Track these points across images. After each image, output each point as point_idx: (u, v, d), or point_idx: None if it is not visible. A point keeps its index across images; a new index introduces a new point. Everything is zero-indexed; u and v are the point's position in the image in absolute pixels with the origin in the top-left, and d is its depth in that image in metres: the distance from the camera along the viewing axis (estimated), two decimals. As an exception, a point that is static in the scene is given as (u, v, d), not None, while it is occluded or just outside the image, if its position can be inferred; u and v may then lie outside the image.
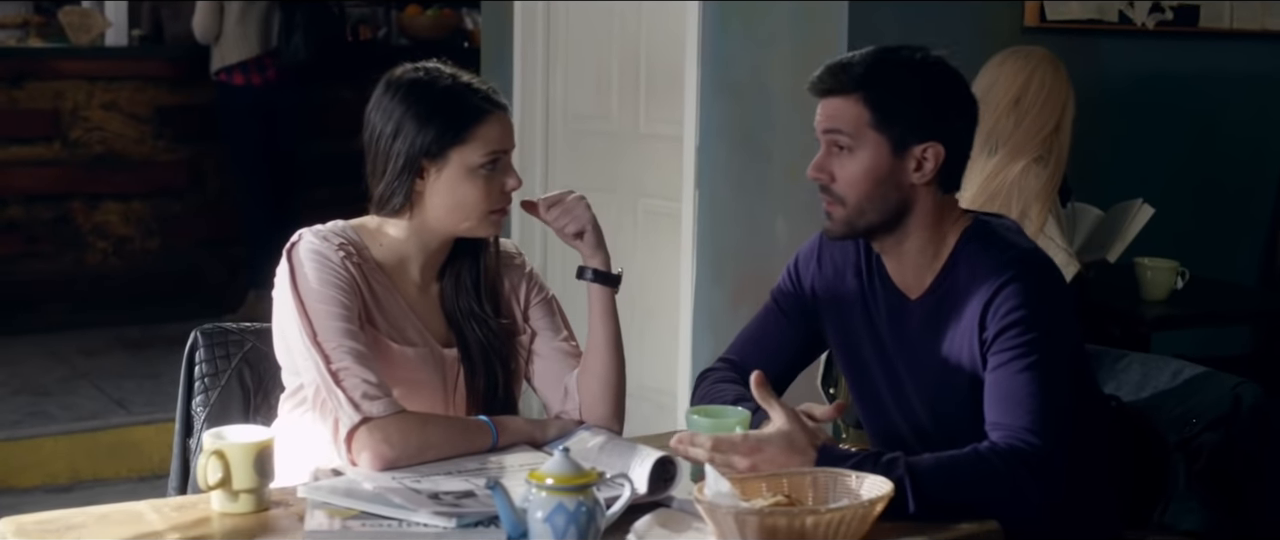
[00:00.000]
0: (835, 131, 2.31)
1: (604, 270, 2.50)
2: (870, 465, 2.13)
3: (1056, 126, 3.86)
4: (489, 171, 2.40)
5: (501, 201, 2.43)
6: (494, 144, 2.40)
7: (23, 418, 5.38)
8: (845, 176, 2.31)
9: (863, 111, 2.29)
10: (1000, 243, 2.32)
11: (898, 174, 2.30)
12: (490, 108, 2.41)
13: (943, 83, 2.34)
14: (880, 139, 2.29)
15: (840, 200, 2.32)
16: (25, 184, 6.53)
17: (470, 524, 2.02)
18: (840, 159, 2.31)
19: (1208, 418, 2.55)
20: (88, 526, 2.08)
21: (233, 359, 2.72)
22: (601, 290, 2.50)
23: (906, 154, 2.30)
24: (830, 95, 2.32)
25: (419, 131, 2.37)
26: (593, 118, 5.39)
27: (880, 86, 2.29)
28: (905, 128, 2.29)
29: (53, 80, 6.53)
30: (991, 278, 2.25)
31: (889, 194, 2.31)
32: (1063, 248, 3.74)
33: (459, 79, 2.43)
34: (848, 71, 2.30)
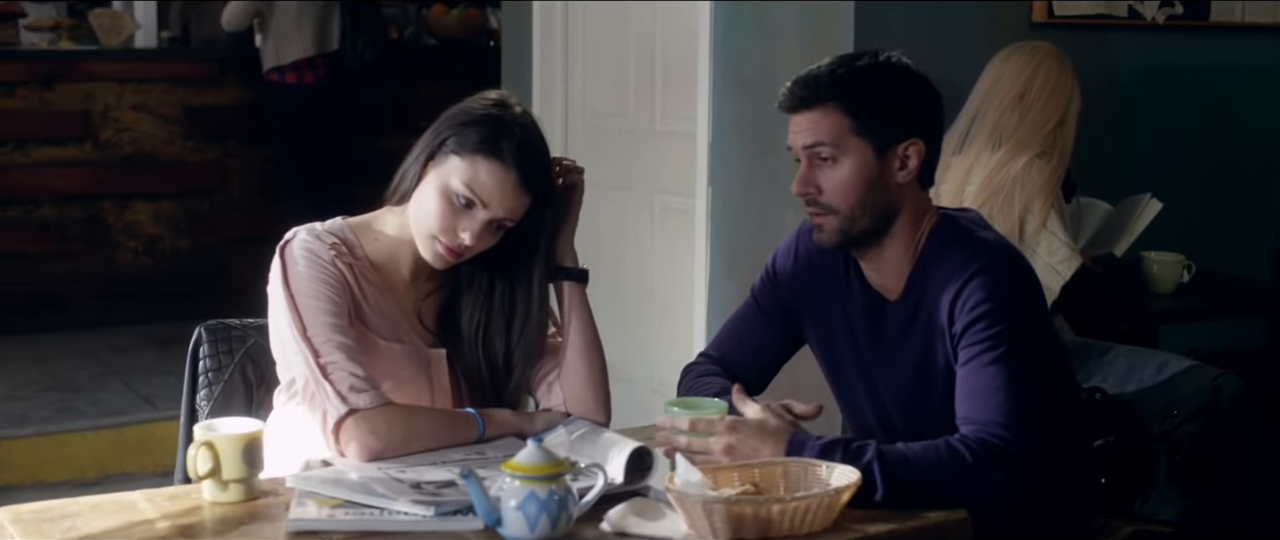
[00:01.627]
0: (817, 144, 2.33)
1: (574, 268, 2.53)
2: (839, 450, 2.17)
3: (1061, 121, 3.89)
4: (457, 203, 2.39)
5: (448, 237, 2.39)
6: (479, 185, 2.38)
7: (52, 414, 5.47)
8: (833, 186, 2.33)
9: (841, 119, 2.32)
10: (966, 237, 2.35)
11: (884, 176, 2.34)
12: (508, 160, 2.39)
13: (911, 82, 2.39)
14: (863, 144, 2.32)
15: (831, 210, 2.35)
16: (57, 184, 6.63)
17: (448, 512, 2.07)
18: (825, 170, 2.34)
19: (1188, 409, 2.59)
20: (82, 515, 2.14)
21: (236, 354, 2.78)
22: (574, 287, 2.54)
23: (890, 155, 2.34)
24: (803, 109, 2.35)
25: (452, 127, 2.42)
26: (610, 115, 5.45)
27: (854, 92, 2.32)
28: (886, 129, 2.33)
29: (83, 82, 6.63)
30: (958, 271, 2.29)
31: (878, 197, 2.34)
32: (1065, 242, 3.77)
33: (520, 128, 2.43)
34: (818, 83, 2.33)
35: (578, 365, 2.53)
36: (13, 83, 6.49)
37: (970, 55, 4.07)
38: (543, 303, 2.54)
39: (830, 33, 4.26)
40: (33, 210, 6.62)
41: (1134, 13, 4.55)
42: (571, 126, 5.63)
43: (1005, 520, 2.21)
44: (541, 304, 2.53)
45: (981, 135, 3.89)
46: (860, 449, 2.18)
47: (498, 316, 2.53)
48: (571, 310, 2.53)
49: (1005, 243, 2.37)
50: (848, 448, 2.18)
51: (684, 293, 4.98)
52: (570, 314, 2.53)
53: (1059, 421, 2.36)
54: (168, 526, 2.11)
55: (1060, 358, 2.43)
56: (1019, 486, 2.19)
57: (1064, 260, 3.76)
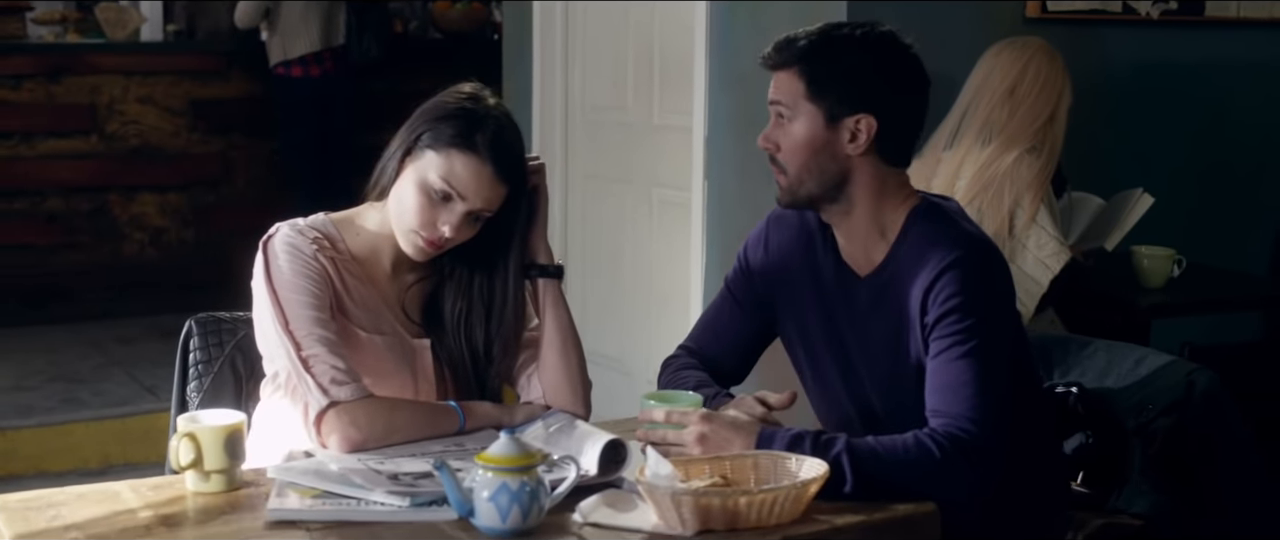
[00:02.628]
0: (777, 103, 2.43)
1: (548, 264, 2.57)
2: (808, 442, 2.21)
3: (1051, 117, 3.91)
4: (435, 197, 2.43)
5: (428, 230, 2.44)
6: (455, 178, 2.42)
7: (57, 404, 5.52)
8: (786, 145, 2.42)
9: (799, 83, 2.40)
10: (946, 225, 2.38)
11: (832, 145, 2.39)
12: (482, 152, 2.43)
13: (882, 57, 2.42)
14: (814, 109, 2.39)
15: (783, 168, 2.43)
16: (64, 176, 6.68)
17: (423, 503, 2.11)
18: (782, 129, 2.42)
19: (1163, 403, 2.61)
20: (67, 504, 2.19)
21: (226, 346, 2.82)
22: (548, 284, 2.57)
23: (839, 125, 2.39)
24: (777, 69, 2.44)
25: (427, 121, 2.46)
26: (609, 109, 5.48)
27: (817, 60, 2.40)
28: (837, 99, 2.38)
29: (89, 75, 6.67)
30: (934, 261, 2.32)
31: (826, 165, 2.40)
32: (1054, 236, 3.79)
33: (502, 120, 2.47)
34: (791, 46, 2.42)
35: (554, 360, 2.56)
36: (19, 76, 6.54)
37: (964, 52, 4.09)
38: (518, 293, 2.57)
39: (823, 29, 4.28)
40: (40, 202, 6.68)
41: (1128, 8, 4.57)
42: (571, 120, 5.67)
43: (973, 514, 2.25)
44: (517, 294, 2.57)
45: (972, 130, 3.92)
46: (830, 441, 2.22)
47: (478, 306, 2.56)
48: (546, 306, 2.57)
49: (982, 235, 2.40)
50: (817, 440, 2.22)
51: (681, 285, 5.02)
52: (545, 310, 2.57)
53: (1024, 416, 2.39)
54: (150, 516, 2.15)
55: (1025, 353, 2.45)
56: (986, 481, 2.22)
57: (1053, 254, 3.79)
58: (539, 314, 2.59)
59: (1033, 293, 3.81)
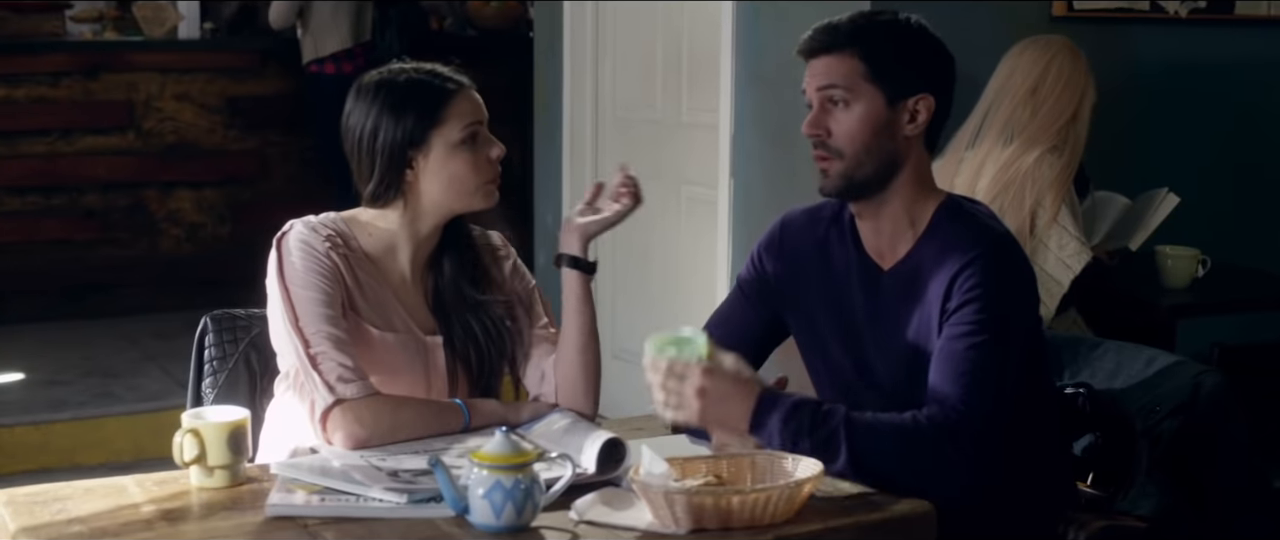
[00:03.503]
0: (830, 87, 2.39)
1: (580, 257, 2.58)
2: (810, 410, 2.23)
3: (1073, 116, 3.89)
4: (471, 145, 2.52)
5: (489, 171, 2.54)
6: (468, 117, 2.52)
7: (91, 398, 5.58)
8: (842, 129, 2.39)
9: (857, 64, 2.38)
10: (974, 222, 2.39)
11: (892, 125, 2.39)
12: (455, 86, 2.54)
13: (928, 40, 2.44)
14: (875, 90, 2.38)
15: (837, 153, 2.40)
16: (101, 173, 6.75)
17: (420, 500, 2.13)
18: (836, 113, 2.39)
19: (1170, 405, 2.60)
20: (73, 498, 2.22)
21: (240, 343, 2.85)
22: (577, 276, 2.58)
23: (901, 105, 2.39)
24: (821, 54, 2.41)
25: (397, 124, 2.49)
26: (638, 107, 5.50)
27: (872, 41, 2.38)
28: (898, 79, 2.39)
29: (127, 72, 6.74)
30: (960, 254, 2.33)
31: (885, 145, 2.39)
32: (1075, 237, 3.78)
33: (421, 68, 2.56)
34: (838, 30, 2.40)
35: (572, 355, 2.58)
36: (58, 73, 6.61)
37: (989, 51, 4.08)
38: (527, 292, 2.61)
39: (847, 27, 4.28)
40: (78, 198, 6.75)
41: (1157, 6, 4.55)
42: (601, 118, 5.69)
43: (970, 513, 2.25)
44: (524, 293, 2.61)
45: (994, 130, 3.91)
46: (830, 412, 2.23)
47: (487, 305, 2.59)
48: (571, 300, 2.58)
49: (1009, 234, 2.41)
50: (817, 409, 2.24)
51: (707, 281, 5.03)
52: (570, 303, 2.58)
53: (1032, 416, 2.39)
54: (153, 510, 2.18)
55: (1041, 354, 2.44)
56: (978, 472, 2.22)
57: (1074, 255, 3.78)
58: (563, 307, 2.60)
59: (1054, 292, 3.80)
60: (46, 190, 6.67)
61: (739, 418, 2.26)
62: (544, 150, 5.95)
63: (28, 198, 6.64)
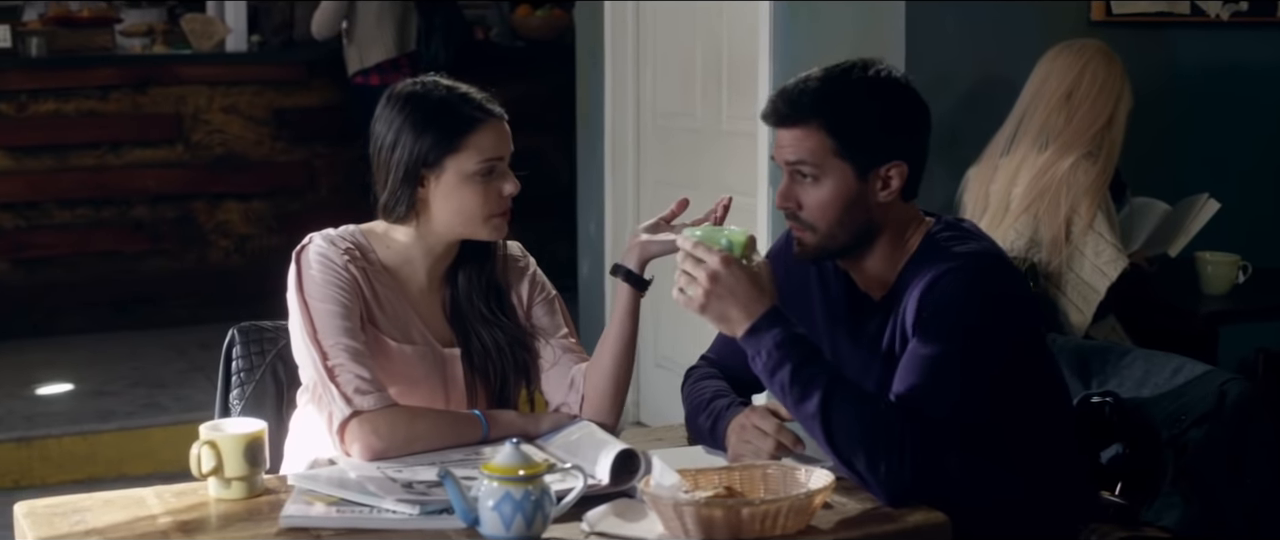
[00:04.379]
0: (798, 162, 2.34)
1: (635, 272, 2.55)
2: (806, 347, 2.23)
3: (1109, 121, 3.87)
4: (485, 178, 2.51)
5: (500, 206, 2.53)
6: (488, 151, 2.51)
7: (138, 409, 5.63)
8: (813, 204, 2.34)
9: (824, 139, 2.31)
10: (954, 243, 2.35)
11: (864, 196, 2.34)
12: (483, 116, 2.52)
13: (897, 100, 2.37)
14: (844, 165, 2.32)
15: (810, 227, 2.36)
16: (150, 185, 6.81)
17: (432, 511, 2.14)
18: (806, 187, 2.34)
19: (1195, 414, 2.57)
20: (92, 510, 2.24)
21: (267, 355, 2.87)
22: (627, 290, 2.57)
23: (872, 176, 2.34)
24: (787, 125, 2.35)
25: (416, 142, 2.49)
26: (679, 115, 5.50)
27: (838, 113, 2.32)
28: (868, 151, 2.33)
29: (175, 85, 6.80)
30: (929, 273, 2.30)
31: (858, 217, 2.35)
32: (1112, 243, 3.75)
33: (454, 90, 2.55)
34: (802, 100, 2.33)
35: (607, 364, 2.57)
36: (107, 87, 6.68)
37: (1027, 55, 4.06)
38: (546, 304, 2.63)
39: (882, 33, 4.27)
40: (127, 210, 6.81)
41: (1197, 9, 4.49)
42: (642, 126, 5.69)
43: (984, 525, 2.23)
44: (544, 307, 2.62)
45: (1028, 136, 3.89)
46: (823, 360, 2.25)
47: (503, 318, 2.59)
48: (619, 310, 2.56)
49: (985, 250, 2.35)
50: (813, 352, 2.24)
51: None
52: (617, 313, 2.57)
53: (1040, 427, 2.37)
54: (170, 522, 2.20)
55: (1042, 365, 2.41)
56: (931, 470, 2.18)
57: (1110, 261, 3.75)
58: (610, 315, 2.59)
59: (1090, 299, 3.77)
60: (96, 202, 6.74)
61: (737, 320, 2.25)
62: (586, 159, 5.96)
63: (78, 210, 6.71)
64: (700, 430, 2.53)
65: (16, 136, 6.57)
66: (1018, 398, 2.30)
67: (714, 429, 2.47)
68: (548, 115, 7.00)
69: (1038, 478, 2.35)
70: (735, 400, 2.50)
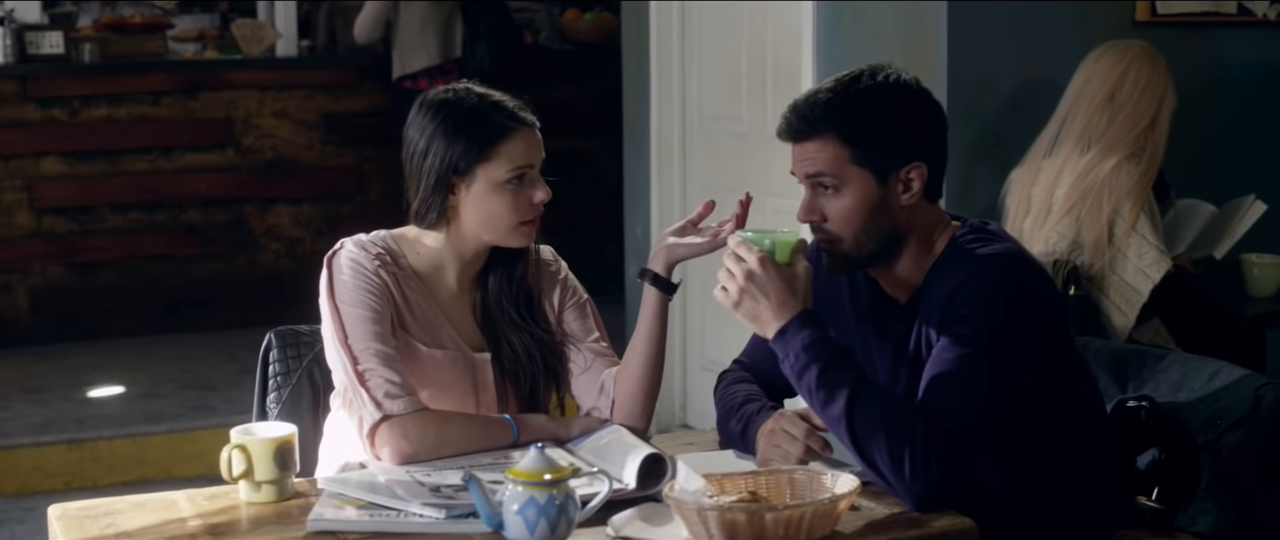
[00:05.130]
0: (818, 175, 2.34)
1: (662, 276, 2.55)
2: (835, 349, 2.24)
3: (1152, 122, 3.84)
4: (516, 186, 2.51)
5: (530, 213, 2.54)
6: (518, 160, 2.51)
7: (187, 411, 5.69)
8: (837, 215, 2.34)
9: (840, 150, 2.31)
10: (980, 245, 2.34)
11: (887, 200, 2.34)
12: (514, 124, 2.53)
13: (909, 102, 2.37)
14: (863, 172, 2.32)
15: (836, 238, 2.36)
16: (201, 189, 6.87)
17: (458, 515, 2.15)
18: (828, 199, 2.35)
19: (1230, 419, 2.55)
20: (124, 513, 2.27)
21: (304, 359, 2.89)
22: (655, 294, 2.56)
23: (892, 180, 2.34)
24: (802, 139, 2.35)
25: (447, 149, 2.50)
26: (724, 118, 5.49)
27: (851, 121, 2.31)
28: (885, 155, 2.33)
29: (226, 90, 6.85)
30: (954, 277, 2.29)
31: (882, 222, 2.35)
32: (1155, 245, 3.72)
33: (486, 98, 2.55)
34: (814, 112, 2.33)
35: (636, 369, 2.57)
36: (159, 92, 6.74)
37: (1070, 57, 4.03)
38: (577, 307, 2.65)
39: (924, 33, 4.25)
40: (179, 214, 6.87)
41: (1243, 9, 4.44)
42: (688, 129, 5.69)
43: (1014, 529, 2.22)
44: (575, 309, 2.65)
45: (1071, 137, 3.86)
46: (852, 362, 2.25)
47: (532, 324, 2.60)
48: (646, 315, 2.56)
49: (1009, 252, 2.34)
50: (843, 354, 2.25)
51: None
52: (643, 318, 2.57)
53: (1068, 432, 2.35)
54: (199, 525, 2.22)
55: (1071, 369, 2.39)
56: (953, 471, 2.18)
57: (1153, 264, 3.72)
58: (638, 320, 2.59)
59: (1133, 302, 3.74)
60: (148, 206, 6.79)
61: (768, 320, 2.27)
62: (633, 162, 5.96)
63: (130, 214, 6.78)
64: (731, 434, 2.52)
65: (70, 142, 6.63)
66: (1046, 400, 2.29)
67: (744, 433, 2.47)
68: (596, 118, 7.01)
69: (1068, 481, 2.33)
70: (766, 404, 2.49)
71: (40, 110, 6.57)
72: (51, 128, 6.60)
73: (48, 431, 5.38)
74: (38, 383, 6.03)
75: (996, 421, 2.22)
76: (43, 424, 5.47)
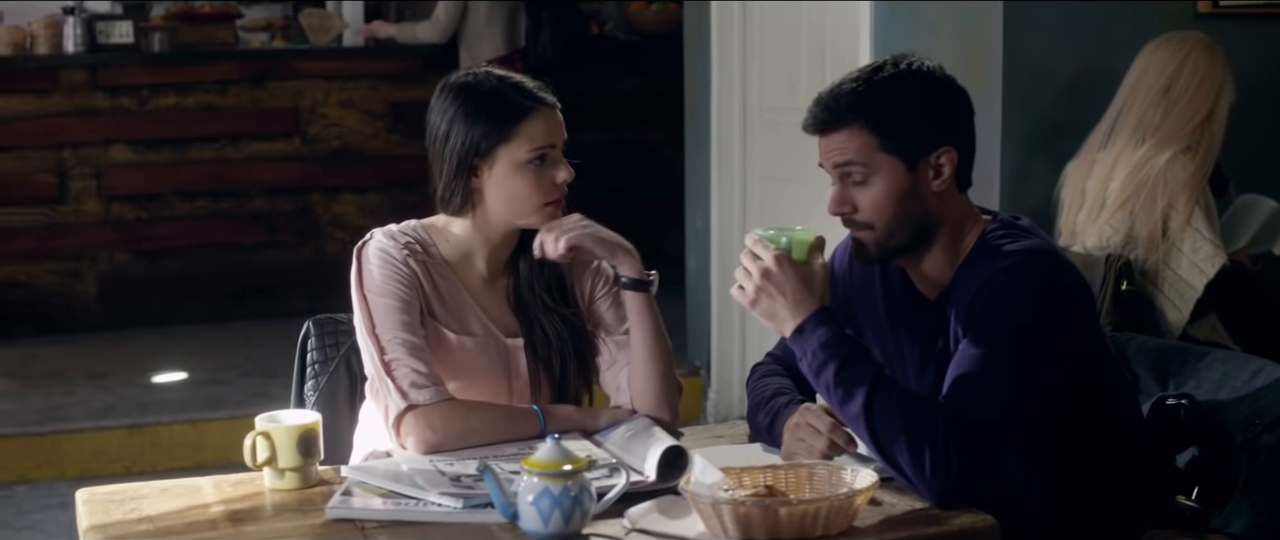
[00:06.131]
0: (847, 164, 2.33)
1: (635, 277, 2.56)
2: (852, 346, 2.22)
3: (1208, 115, 3.78)
4: (538, 166, 2.51)
5: (553, 193, 2.53)
6: (539, 140, 2.51)
7: (248, 398, 5.73)
8: (868, 204, 2.33)
9: (867, 138, 2.31)
10: (1009, 241, 2.31)
11: (918, 187, 2.33)
12: (534, 104, 2.52)
13: (934, 88, 2.35)
14: (893, 160, 2.31)
15: (867, 226, 2.35)
16: (268, 178, 6.92)
17: (476, 505, 2.15)
18: (858, 189, 2.34)
19: (1269, 418, 2.50)
20: (149, 498, 2.29)
21: (341, 347, 2.90)
22: (635, 296, 2.57)
23: (922, 165, 2.32)
24: (829, 131, 2.35)
25: (468, 131, 2.50)
26: (785, 109, 5.46)
27: (877, 109, 2.31)
28: (914, 141, 2.31)
29: (292, 80, 6.90)
30: (982, 272, 2.27)
31: (914, 209, 2.33)
32: (1210, 239, 3.67)
33: (506, 80, 2.55)
34: (839, 103, 2.33)
35: (640, 368, 2.57)
36: (226, 81, 6.80)
37: (1132, 50, 3.97)
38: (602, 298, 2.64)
39: (980, 29, 4.21)
40: (245, 202, 6.93)
41: (1310, 1, 4.36)
42: (748, 120, 5.67)
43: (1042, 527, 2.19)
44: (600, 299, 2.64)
45: (1126, 130, 3.81)
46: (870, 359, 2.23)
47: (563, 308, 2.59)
48: (632, 317, 2.57)
49: (1038, 248, 2.31)
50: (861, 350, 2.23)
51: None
52: (632, 321, 2.57)
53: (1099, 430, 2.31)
54: (221, 511, 2.24)
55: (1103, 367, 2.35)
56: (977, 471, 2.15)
57: (1208, 258, 3.66)
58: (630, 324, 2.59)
59: (1187, 297, 3.69)
60: (215, 195, 6.86)
61: (784, 318, 2.25)
62: (694, 153, 5.95)
63: (197, 202, 6.84)
64: (759, 427, 2.51)
65: (138, 130, 6.70)
66: (1074, 398, 2.26)
67: (772, 427, 2.45)
68: (662, 110, 7.00)
69: (1098, 480, 2.29)
70: (795, 398, 2.47)
71: (109, 99, 6.65)
72: (120, 116, 6.67)
73: (109, 416, 5.45)
74: (103, 368, 6.10)
75: (1022, 419, 2.19)
76: (105, 409, 5.53)
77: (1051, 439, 2.25)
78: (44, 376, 6.00)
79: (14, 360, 6.22)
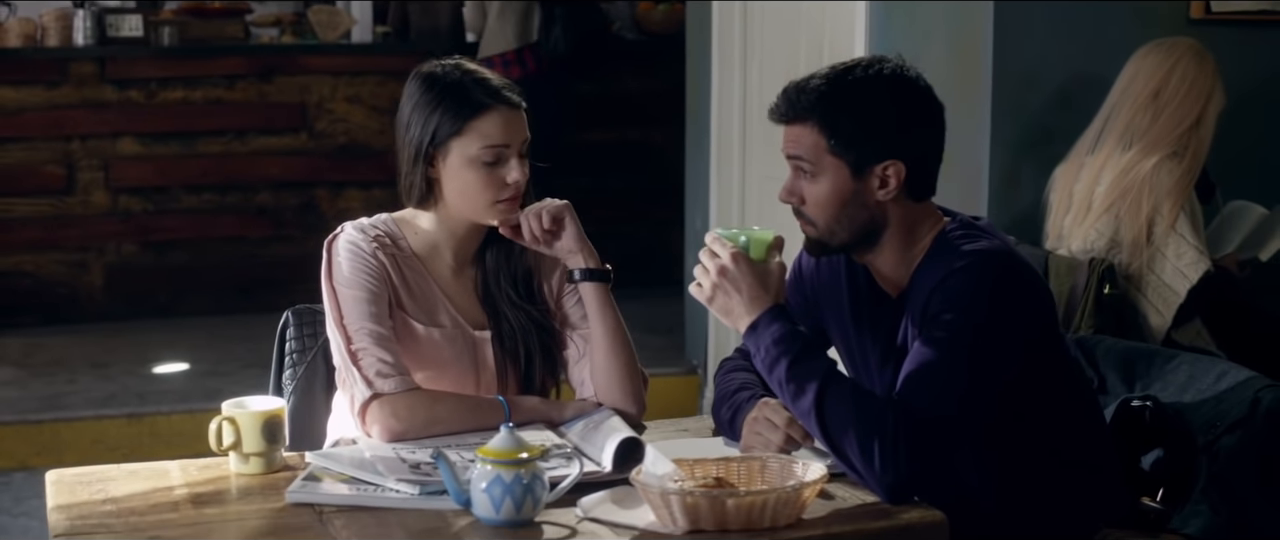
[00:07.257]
0: (797, 157, 2.36)
1: (592, 268, 2.58)
2: (805, 343, 2.25)
3: (1196, 121, 3.79)
4: (489, 165, 2.52)
5: (504, 192, 2.53)
6: (494, 138, 2.51)
7: (248, 389, 5.66)
8: (812, 200, 2.36)
9: (819, 138, 2.33)
10: (966, 242, 2.33)
11: (862, 194, 2.34)
12: (490, 101, 2.52)
13: (899, 97, 2.35)
14: (839, 163, 2.33)
15: (811, 222, 2.38)
16: (274, 172, 6.97)
17: (432, 492, 2.18)
18: (806, 183, 2.36)
19: (1228, 421, 2.52)
20: (118, 480, 2.33)
21: (319, 337, 2.94)
22: (593, 287, 2.59)
23: (868, 174, 2.33)
24: (787, 122, 2.38)
25: (424, 123, 2.53)
26: (783, 111, 5.48)
27: (834, 111, 2.32)
28: (862, 150, 2.32)
29: (300, 75, 6.94)
30: (938, 272, 2.29)
31: (856, 214, 2.35)
32: (1194, 245, 3.68)
33: (471, 74, 2.56)
34: (801, 98, 2.35)
35: (602, 361, 2.59)
36: (233, 76, 6.85)
37: (1125, 54, 3.98)
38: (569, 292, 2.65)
39: (971, 33, 4.22)
40: (251, 196, 6.98)
41: (1302, 8, 4.37)
42: (748, 121, 5.69)
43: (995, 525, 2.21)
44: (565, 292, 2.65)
45: (1114, 134, 3.83)
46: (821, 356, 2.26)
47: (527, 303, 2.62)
48: (591, 309, 2.59)
49: (995, 248, 2.32)
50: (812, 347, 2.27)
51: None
52: (591, 313, 2.59)
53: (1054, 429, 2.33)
54: (185, 494, 2.27)
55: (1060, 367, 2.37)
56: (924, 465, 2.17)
57: (1192, 264, 3.67)
58: (589, 318, 2.61)
59: (1170, 301, 3.70)
60: (221, 188, 6.91)
61: (739, 315, 2.29)
62: (694, 153, 5.98)
63: (203, 196, 6.90)
64: (721, 421, 2.54)
65: (146, 123, 6.76)
66: (1030, 397, 2.28)
67: (733, 421, 2.48)
68: (666, 109, 7.03)
69: (1053, 479, 2.31)
70: (757, 393, 2.50)
71: (118, 92, 6.71)
72: (129, 109, 6.73)
73: (109, 405, 5.50)
74: (106, 358, 6.16)
75: (976, 417, 2.21)
76: (105, 398, 5.58)
77: (1006, 438, 2.27)
78: (47, 365, 6.06)
79: (19, 349, 6.28)
